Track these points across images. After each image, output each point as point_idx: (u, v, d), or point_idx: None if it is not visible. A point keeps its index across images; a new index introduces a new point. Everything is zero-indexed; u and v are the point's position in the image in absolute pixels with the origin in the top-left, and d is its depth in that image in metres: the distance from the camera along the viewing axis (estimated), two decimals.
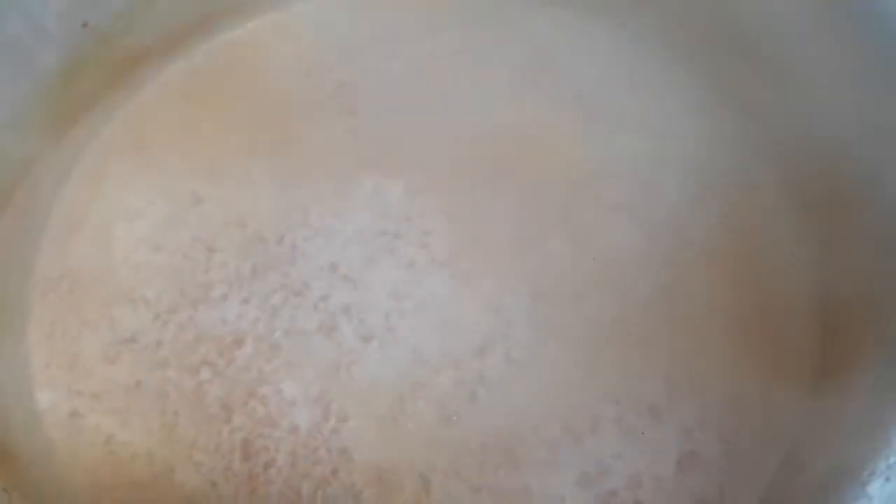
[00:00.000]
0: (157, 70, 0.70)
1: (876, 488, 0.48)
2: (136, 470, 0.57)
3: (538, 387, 0.59)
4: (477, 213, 0.64)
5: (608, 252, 0.63)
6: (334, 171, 0.66)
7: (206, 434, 0.58)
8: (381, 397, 0.59)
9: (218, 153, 0.67)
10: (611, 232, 0.63)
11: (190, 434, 0.58)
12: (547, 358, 0.60)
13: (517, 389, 0.59)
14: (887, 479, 0.48)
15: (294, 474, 0.57)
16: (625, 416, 0.58)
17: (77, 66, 0.66)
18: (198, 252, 0.63)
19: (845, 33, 0.60)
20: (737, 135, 0.66)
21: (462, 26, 0.71)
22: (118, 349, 0.61)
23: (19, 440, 0.58)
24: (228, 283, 0.62)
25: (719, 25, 0.67)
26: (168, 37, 0.70)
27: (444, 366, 0.59)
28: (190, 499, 0.56)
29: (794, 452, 0.56)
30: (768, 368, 0.59)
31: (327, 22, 0.71)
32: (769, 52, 0.65)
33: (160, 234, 0.64)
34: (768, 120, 0.66)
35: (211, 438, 0.58)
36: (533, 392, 0.59)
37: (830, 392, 0.56)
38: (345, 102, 0.68)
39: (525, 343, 0.60)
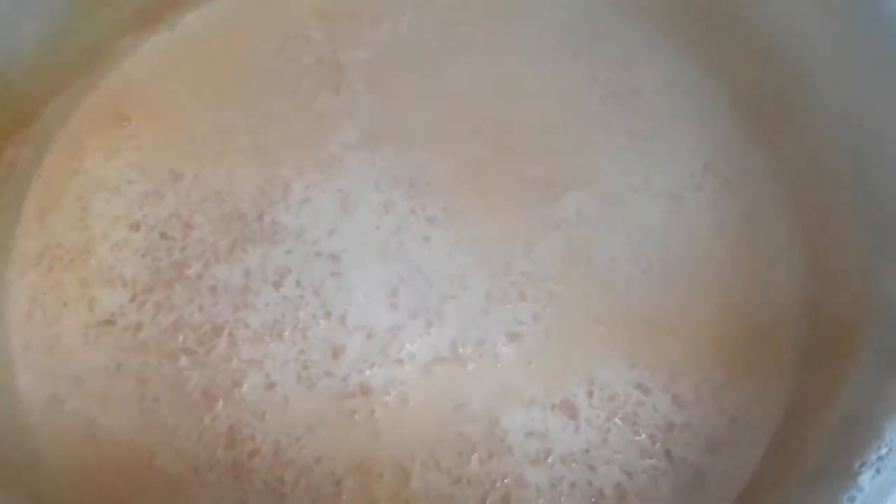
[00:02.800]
0: (135, 43, 0.69)
1: (866, 479, 0.47)
2: (118, 455, 0.56)
3: (517, 377, 0.58)
4: (465, 188, 0.63)
5: (597, 236, 0.62)
6: (315, 146, 0.65)
7: (188, 422, 0.57)
8: (362, 385, 0.58)
9: (197, 128, 0.66)
10: (597, 205, 0.63)
11: (171, 421, 0.57)
12: (530, 346, 0.59)
13: (497, 380, 0.58)
14: (878, 471, 0.47)
15: (277, 463, 0.56)
16: (605, 405, 0.57)
17: (55, 38, 0.64)
18: (175, 230, 0.62)
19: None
20: (732, 115, 0.66)
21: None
22: (97, 331, 0.60)
23: None
24: (205, 262, 0.61)
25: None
26: (147, 9, 0.68)
27: (426, 356, 0.58)
28: (173, 485, 0.55)
29: (780, 445, 0.56)
30: (754, 360, 0.59)
31: None
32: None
33: (138, 211, 0.63)
34: (761, 98, 0.66)
35: (193, 426, 0.57)
36: (513, 382, 0.58)
37: (819, 385, 0.56)
38: (325, 76, 0.67)
39: (505, 333, 0.59)
